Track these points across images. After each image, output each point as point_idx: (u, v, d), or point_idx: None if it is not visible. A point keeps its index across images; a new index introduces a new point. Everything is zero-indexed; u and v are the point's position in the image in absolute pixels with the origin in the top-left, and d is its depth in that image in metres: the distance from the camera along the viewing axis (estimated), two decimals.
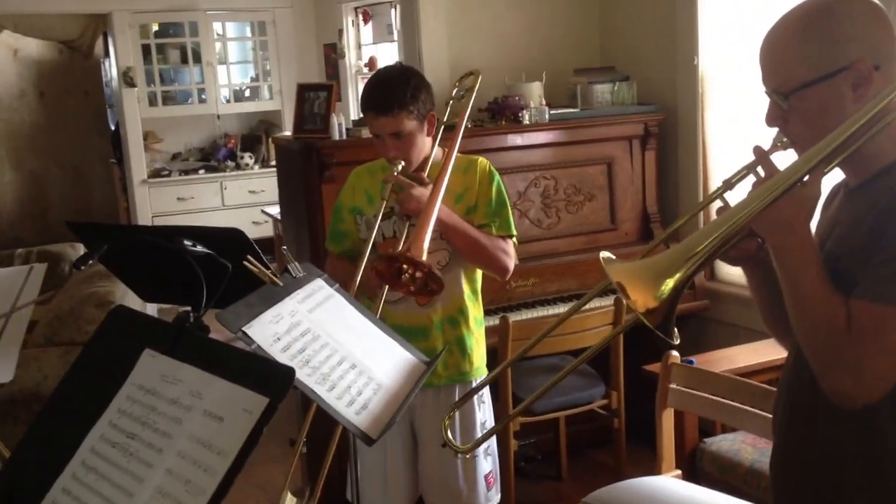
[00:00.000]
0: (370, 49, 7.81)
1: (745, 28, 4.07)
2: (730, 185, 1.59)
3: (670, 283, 1.44)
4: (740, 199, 1.52)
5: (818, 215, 1.55)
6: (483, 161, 2.82)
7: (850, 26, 1.50)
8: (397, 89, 2.63)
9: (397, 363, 1.98)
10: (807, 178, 1.46)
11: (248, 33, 8.46)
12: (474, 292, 2.85)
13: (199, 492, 1.30)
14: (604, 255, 1.52)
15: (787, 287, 1.50)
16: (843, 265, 1.50)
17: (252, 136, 8.58)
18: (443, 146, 2.80)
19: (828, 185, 1.57)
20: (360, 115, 3.41)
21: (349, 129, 4.05)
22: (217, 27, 8.18)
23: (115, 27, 7.58)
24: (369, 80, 2.77)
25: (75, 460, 1.42)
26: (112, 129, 8.98)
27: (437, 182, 2.61)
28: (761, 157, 1.53)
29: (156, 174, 8.02)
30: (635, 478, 3.22)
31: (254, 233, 7.19)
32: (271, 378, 1.37)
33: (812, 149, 1.46)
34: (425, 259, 2.43)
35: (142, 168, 7.88)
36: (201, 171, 8.19)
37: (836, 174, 1.60)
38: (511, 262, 2.77)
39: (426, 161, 2.74)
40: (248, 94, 8.54)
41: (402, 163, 2.66)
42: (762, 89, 1.59)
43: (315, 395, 1.72)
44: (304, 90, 4.17)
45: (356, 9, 7.73)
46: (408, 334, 2.26)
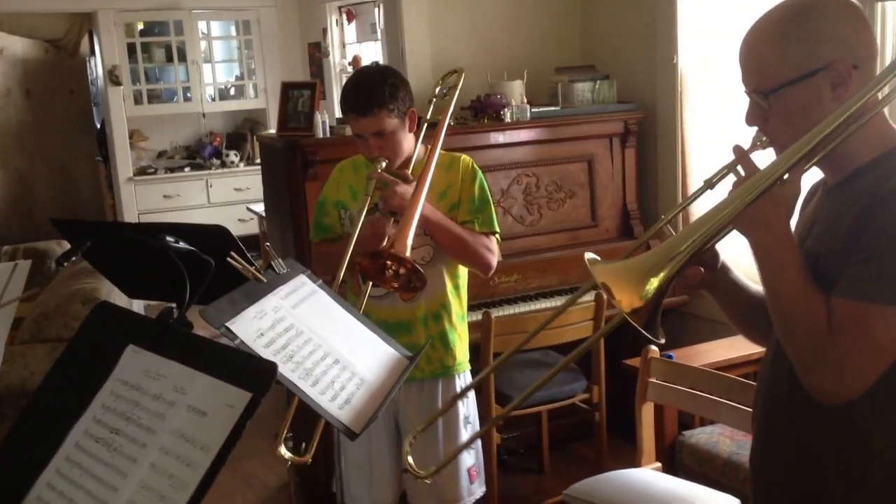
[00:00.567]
0: (354, 48, 7.81)
1: (724, 29, 4.10)
2: (711, 184, 1.59)
3: (655, 283, 1.45)
4: (719, 198, 1.51)
5: (797, 214, 1.55)
6: (466, 158, 2.84)
7: (828, 26, 1.50)
8: (376, 89, 2.65)
9: (380, 358, 1.97)
10: (786, 176, 1.46)
11: (233, 32, 8.47)
12: (457, 288, 2.87)
13: (182, 486, 1.29)
14: (588, 256, 1.52)
15: (768, 285, 1.50)
16: (823, 264, 1.50)
17: (237, 135, 8.57)
18: (426, 143, 2.81)
19: (807, 183, 1.57)
20: None
21: (333, 127, 4.07)
22: (202, 26, 8.18)
23: (100, 26, 7.57)
24: (347, 82, 2.78)
25: (59, 456, 1.41)
26: (98, 127, 8.94)
27: (420, 179, 2.62)
28: (741, 156, 1.53)
29: (141, 172, 8.01)
30: (616, 470, 3.25)
31: (239, 230, 7.22)
32: (254, 373, 1.37)
33: (791, 147, 1.46)
34: (409, 255, 2.46)
35: (127, 166, 7.86)
36: (187, 169, 8.19)
37: (816, 173, 1.60)
38: (494, 259, 2.78)
39: (409, 158, 2.75)
40: (233, 92, 8.53)
41: (386, 160, 2.67)
42: (740, 89, 1.59)
43: (298, 390, 1.71)
44: (289, 88, 4.19)
45: (340, 8, 7.73)
46: (392, 329, 2.27)
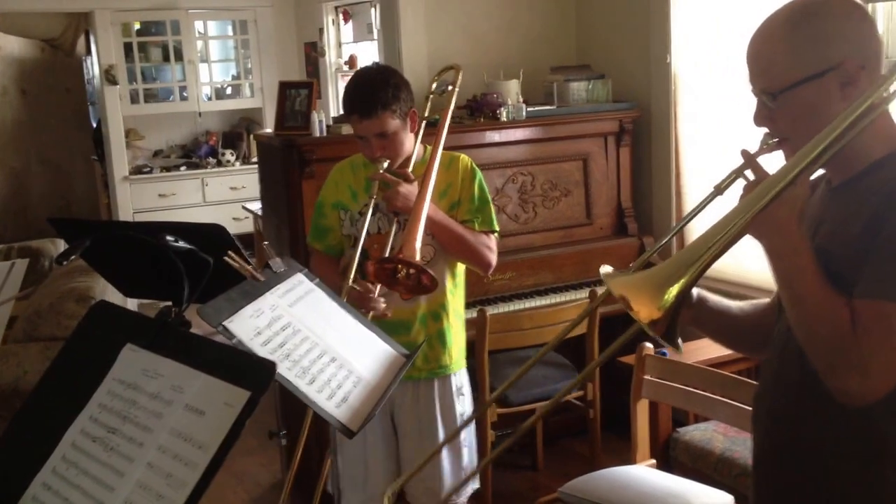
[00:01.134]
0: (350, 47, 7.81)
1: (717, 28, 4.11)
2: (720, 189, 1.57)
3: (673, 292, 1.43)
4: (719, 199, 1.52)
5: None
6: (465, 158, 2.85)
7: (838, 26, 1.51)
8: (379, 91, 2.65)
9: (377, 356, 1.98)
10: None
11: (230, 32, 8.46)
12: (456, 286, 2.88)
13: (180, 485, 1.29)
14: (604, 269, 1.51)
15: (785, 289, 1.48)
16: (837, 264, 1.48)
17: (233, 134, 8.56)
18: (424, 143, 2.83)
19: None
20: (341, 113, 3.43)
21: (329, 127, 4.08)
22: (199, 26, 8.17)
23: (96, 25, 7.55)
24: (349, 83, 2.77)
25: (55, 455, 1.41)
26: (94, 126, 8.93)
27: (424, 180, 2.63)
28: (749, 160, 1.51)
29: (137, 171, 7.99)
30: (610, 467, 3.27)
31: (235, 229, 7.19)
32: (252, 372, 1.37)
33: (802, 149, 1.44)
34: (418, 259, 2.47)
35: (123, 165, 7.84)
36: (183, 168, 8.17)
37: None
38: (494, 258, 2.80)
39: (409, 158, 2.76)
40: (229, 91, 8.52)
41: (388, 160, 2.68)
42: (733, 88, 1.59)
43: (295, 388, 1.73)
44: (286, 88, 4.19)
45: (336, 8, 7.72)
46: (390, 328, 2.29)
